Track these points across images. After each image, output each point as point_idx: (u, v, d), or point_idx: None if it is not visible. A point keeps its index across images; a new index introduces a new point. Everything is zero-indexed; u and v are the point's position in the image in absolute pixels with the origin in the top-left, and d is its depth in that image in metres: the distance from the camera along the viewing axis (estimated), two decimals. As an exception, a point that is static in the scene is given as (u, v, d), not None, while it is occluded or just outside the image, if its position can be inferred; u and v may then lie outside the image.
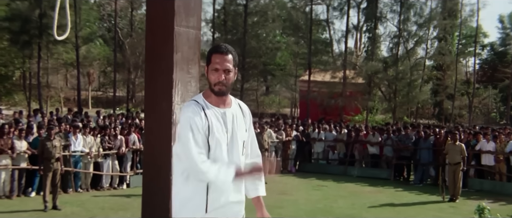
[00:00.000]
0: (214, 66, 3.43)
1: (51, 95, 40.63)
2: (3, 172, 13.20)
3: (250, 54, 37.39)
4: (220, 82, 3.43)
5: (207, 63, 3.50)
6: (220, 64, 3.43)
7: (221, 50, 3.49)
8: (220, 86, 3.45)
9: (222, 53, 3.46)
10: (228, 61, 3.47)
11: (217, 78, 3.43)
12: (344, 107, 34.61)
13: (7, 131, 13.46)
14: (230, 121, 3.51)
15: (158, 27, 4.12)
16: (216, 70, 3.44)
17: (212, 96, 3.50)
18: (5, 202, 12.91)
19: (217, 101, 3.50)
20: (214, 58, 3.45)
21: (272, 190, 15.56)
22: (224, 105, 3.54)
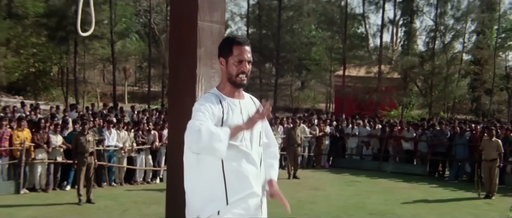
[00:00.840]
0: (238, 58, 3.43)
1: (87, 91, 41.19)
2: (39, 165, 13.47)
3: (285, 49, 37.22)
4: (245, 73, 3.45)
5: (225, 54, 3.49)
6: (243, 55, 3.44)
7: (242, 41, 3.49)
8: (242, 77, 3.47)
9: (244, 44, 3.47)
10: (249, 51, 3.49)
11: (242, 69, 3.45)
12: (379, 103, 34.24)
13: (43, 126, 13.72)
14: (246, 111, 3.52)
15: (182, 22, 4.12)
16: (240, 61, 3.44)
17: (226, 88, 3.52)
18: (41, 195, 13.17)
19: (232, 92, 3.53)
20: (236, 49, 3.45)
21: (305, 185, 15.58)
22: (239, 97, 3.57)
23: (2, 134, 13.08)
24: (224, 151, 3.25)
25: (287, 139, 17.47)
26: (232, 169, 3.43)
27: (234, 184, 3.42)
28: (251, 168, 3.51)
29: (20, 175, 13.04)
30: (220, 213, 3.40)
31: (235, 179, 3.43)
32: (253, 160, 3.53)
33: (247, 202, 3.49)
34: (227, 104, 3.45)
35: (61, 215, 10.93)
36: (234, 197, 3.42)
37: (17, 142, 13.14)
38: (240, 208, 3.46)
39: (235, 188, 3.43)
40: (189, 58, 4.03)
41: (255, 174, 3.55)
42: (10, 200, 12.20)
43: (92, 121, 15.23)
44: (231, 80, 3.48)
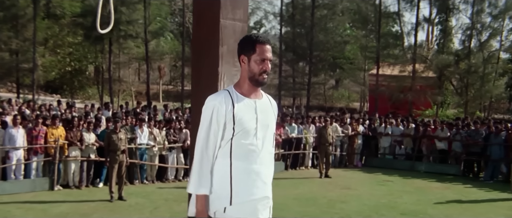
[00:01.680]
0: (261, 56, 3.43)
1: (122, 89, 41.66)
2: (73, 163, 13.69)
3: (318, 48, 37.06)
4: (266, 71, 3.46)
5: (247, 52, 3.48)
6: (265, 54, 3.45)
7: (264, 40, 3.49)
8: (265, 76, 3.47)
9: (266, 43, 3.48)
10: (270, 51, 3.49)
11: (264, 68, 3.45)
12: (413, 102, 33.86)
13: (77, 124, 13.94)
14: (261, 111, 3.51)
15: (204, 20, 4.12)
16: (262, 60, 3.44)
17: (245, 86, 3.52)
18: (74, 192, 13.37)
19: (250, 92, 3.52)
20: (259, 48, 3.45)
21: (336, 184, 15.52)
22: (256, 96, 3.55)
23: (37, 131, 13.34)
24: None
25: (319, 138, 17.39)
26: (240, 170, 3.42)
27: (241, 185, 3.42)
28: (261, 169, 3.50)
29: (54, 172, 13.28)
30: (226, 211, 3.42)
31: (242, 180, 3.42)
32: (264, 161, 3.53)
33: (255, 207, 3.48)
34: (241, 104, 3.45)
35: (93, 212, 11.07)
36: (239, 199, 3.41)
37: (51, 140, 13.37)
38: (247, 210, 3.45)
39: (241, 190, 3.41)
40: (211, 57, 4.04)
41: (265, 174, 3.55)
42: (45, 196, 12.43)
43: (125, 119, 15.39)
44: (253, 78, 3.47)
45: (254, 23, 52.19)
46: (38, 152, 13.42)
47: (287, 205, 12.18)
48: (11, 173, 13.14)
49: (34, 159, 13.40)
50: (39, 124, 13.43)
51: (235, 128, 3.39)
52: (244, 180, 3.42)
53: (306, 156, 18.92)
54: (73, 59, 38.64)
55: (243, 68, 3.52)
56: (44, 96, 38.00)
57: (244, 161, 3.42)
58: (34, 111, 17.79)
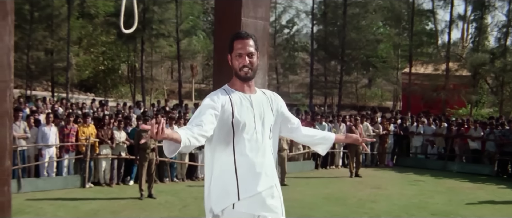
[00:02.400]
0: (238, 52, 3.51)
1: (155, 88, 41.97)
2: (104, 161, 13.84)
3: (350, 46, 36.82)
4: (245, 66, 3.50)
5: (229, 51, 3.57)
6: (242, 48, 3.50)
7: (242, 35, 3.56)
8: (246, 70, 3.52)
9: (243, 38, 3.53)
10: (250, 45, 3.52)
11: (242, 63, 3.50)
12: (447, 101, 33.39)
13: (108, 122, 14.09)
14: (256, 105, 3.57)
15: (226, 18, 4.13)
16: (239, 55, 3.51)
17: (237, 83, 3.59)
18: (105, 189, 13.52)
19: (242, 87, 3.58)
20: (236, 44, 3.53)
21: (367, 184, 15.39)
22: (250, 91, 3.61)
23: (69, 130, 13.52)
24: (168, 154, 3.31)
25: (349, 137, 17.22)
26: (244, 164, 3.47)
27: (247, 179, 3.47)
28: (264, 161, 3.55)
29: (85, 169, 13.44)
30: (235, 207, 3.46)
31: (247, 174, 3.47)
32: (266, 153, 3.58)
33: (261, 197, 3.52)
34: (237, 98, 3.52)
35: (123, 209, 11.17)
36: (246, 193, 3.46)
37: (82, 138, 13.54)
38: (255, 202, 3.49)
39: (248, 184, 3.47)
40: (233, 55, 4.03)
41: (268, 165, 3.58)
42: (76, 194, 12.59)
43: (155, 118, 15.48)
44: (237, 74, 3.56)
45: (286, 21, 52.05)
46: (69, 149, 13.63)
47: (317, 204, 12.14)
48: (44, 170, 13.36)
49: (66, 156, 13.61)
50: (71, 122, 13.62)
51: (233, 122, 3.44)
52: (249, 174, 3.47)
53: (337, 155, 18.79)
54: (106, 58, 39.10)
55: (231, 67, 3.61)
56: (78, 95, 38.56)
57: (247, 155, 3.47)
58: (67, 109, 18.03)
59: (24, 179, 12.73)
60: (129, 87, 39.92)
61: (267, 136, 3.60)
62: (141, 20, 32.61)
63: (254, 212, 3.48)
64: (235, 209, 3.45)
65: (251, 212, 3.47)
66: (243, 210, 3.45)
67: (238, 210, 3.45)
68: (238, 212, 3.45)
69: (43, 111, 16.69)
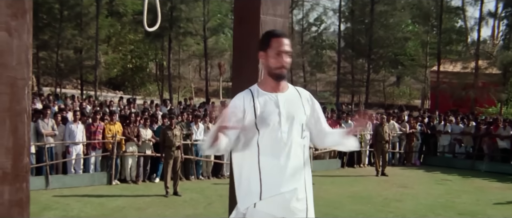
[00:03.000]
0: (277, 50, 3.41)
1: (183, 86, 42.19)
2: (130, 158, 13.95)
3: (377, 44, 36.56)
4: (283, 66, 3.42)
5: (263, 48, 3.47)
6: (282, 47, 3.42)
7: (280, 33, 3.48)
8: (282, 70, 3.43)
9: (282, 37, 3.45)
10: (288, 44, 3.45)
11: (280, 62, 3.41)
12: (476, 99, 32.95)
13: (134, 120, 14.20)
14: (283, 105, 3.47)
15: (245, 16, 4.11)
16: (278, 54, 3.41)
17: (267, 82, 3.51)
18: (131, 186, 13.63)
19: (272, 87, 3.49)
20: (274, 42, 3.42)
21: (393, 182, 15.26)
22: (279, 90, 3.51)
23: (95, 127, 13.67)
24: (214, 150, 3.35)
25: (375, 136, 17.13)
26: (267, 164, 3.40)
27: (269, 179, 3.39)
28: (289, 162, 3.43)
29: (112, 167, 13.58)
30: (256, 206, 3.41)
31: (270, 175, 3.40)
32: (293, 153, 3.46)
33: (285, 199, 3.42)
34: (262, 98, 3.45)
35: (148, 207, 11.25)
36: (268, 193, 3.39)
37: (109, 135, 13.68)
38: (278, 204, 3.41)
39: (271, 184, 3.39)
40: (252, 53, 4.02)
41: (295, 167, 3.47)
42: (102, 190, 12.73)
43: (180, 116, 15.58)
44: (271, 73, 3.46)
45: (314, 19, 51.92)
46: (96, 147, 13.77)
47: (342, 203, 12.08)
48: (71, 167, 13.53)
49: (93, 154, 13.76)
50: (97, 120, 13.77)
51: (257, 122, 3.39)
52: (273, 174, 3.39)
53: (363, 153, 18.67)
54: (134, 56, 39.43)
55: (263, 65, 3.53)
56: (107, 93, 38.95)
57: (272, 156, 3.40)
58: (95, 107, 18.22)
59: (52, 175, 12.93)
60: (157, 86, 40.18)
61: (296, 135, 3.49)
62: (168, 18, 32.85)
63: (275, 213, 3.41)
64: (256, 208, 3.40)
65: (272, 213, 3.40)
66: (264, 210, 3.40)
67: (259, 209, 3.40)
68: (259, 211, 3.40)
69: (71, 108, 16.87)
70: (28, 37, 3.01)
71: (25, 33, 3.00)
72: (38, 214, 10.17)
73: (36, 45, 33.83)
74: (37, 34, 32.64)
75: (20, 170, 3.02)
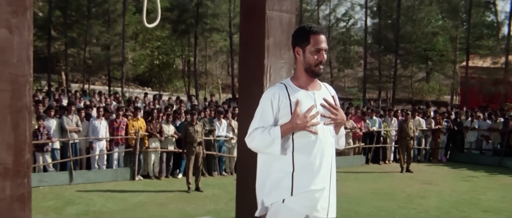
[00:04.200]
0: (317, 47, 3.39)
1: (210, 82, 42.31)
2: (153, 154, 14.05)
3: (404, 39, 36.16)
4: (322, 62, 3.42)
5: (302, 44, 3.44)
6: (321, 44, 3.41)
7: (318, 30, 3.45)
8: (321, 67, 3.43)
9: (320, 33, 3.43)
10: (326, 41, 3.44)
11: (320, 59, 3.41)
12: (507, 95, 32.38)
13: (157, 116, 14.28)
14: (320, 102, 3.46)
15: (250, 11, 4.09)
16: (318, 50, 3.39)
17: (301, 78, 3.48)
18: (154, 182, 13.73)
19: (307, 83, 3.48)
20: (313, 38, 3.40)
21: (417, 179, 15.13)
22: (314, 88, 3.50)
23: (118, 123, 13.79)
24: (278, 151, 3.33)
25: (400, 132, 16.97)
26: (302, 161, 3.39)
27: (302, 177, 3.39)
28: (321, 160, 3.44)
29: (135, 162, 13.68)
30: (285, 202, 3.39)
31: (304, 172, 3.39)
32: (325, 152, 3.47)
33: (314, 197, 3.43)
34: (299, 96, 3.41)
35: (170, 202, 11.31)
36: (299, 190, 3.38)
37: (132, 131, 13.79)
38: (306, 202, 3.41)
39: (303, 181, 3.39)
40: (257, 49, 4.00)
41: (326, 165, 3.49)
42: (125, 186, 12.85)
43: (203, 112, 15.62)
44: (309, 70, 3.44)
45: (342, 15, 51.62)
46: (119, 143, 13.90)
47: (364, 199, 12.00)
48: (95, 162, 13.69)
49: (116, 149, 13.90)
50: (120, 116, 13.89)
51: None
52: (305, 172, 3.39)
53: (388, 150, 18.52)
54: (161, 52, 39.63)
55: (298, 60, 3.49)
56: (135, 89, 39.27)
57: (306, 153, 3.40)
58: (120, 103, 18.37)
59: (76, 171, 13.08)
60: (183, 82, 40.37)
61: (329, 134, 3.50)
62: (194, 14, 32.96)
63: (301, 210, 3.42)
64: (284, 203, 3.39)
65: (298, 210, 3.41)
66: (291, 206, 3.39)
67: (287, 205, 3.39)
68: (287, 207, 3.39)
69: (97, 104, 17.04)
70: (29, 34, 3.04)
71: (25, 30, 3.03)
72: (61, 209, 10.30)
73: (65, 42, 34.30)
74: (65, 31, 33.11)
75: (21, 166, 3.06)
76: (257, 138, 3.35)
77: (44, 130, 12.64)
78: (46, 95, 19.93)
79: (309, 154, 3.40)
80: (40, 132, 12.58)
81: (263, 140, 3.33)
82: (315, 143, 3.41)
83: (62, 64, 35.65)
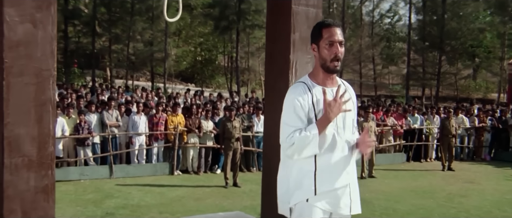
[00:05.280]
0: (329, 40, 3.29)
1: (252, 79, 42.39)
2: (192, 149, 14.18)
3: (450, 36, 35.49)
4: (337, 56, 3.30)
5: (315, 40, 3.37)
6: (334, 36, 3.29)
7: (330, 22, 3.36)
8: (336, 62, 3.32)
9: (333, 26, 3.33)
10: (340, 33, 3.33)
11: (334, 53, 3.29)
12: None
13: (195, 112, 14.39)
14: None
15: (277, 6, 4.07)
16: (331, 44, 3.29)
17: (319, 75, 3.40)
18: (193, 177, 13.85)
19: (325, 80, 3.39)
20: (326, 32, 3.31)
21: (459, 178, 14.85)
22: (332, 85, 3.41)
23: (158, 119, 13.94)
24: (317, 150, 3.27)
25: (441, 130, 16.69)
26: (324, 160, 3.35)
27: (325, 175, 3.34)
28: (343, 157, 3.41)
29: (174, 157, 13.82)
30: (309, 201, 3.35)
31: (326, 171, 3.35)
32: (346, 148, 3.43)
33: (336, 195, 3.40)
34: (320, 94, 3.33)
35: (207, 197, 11.36)
36: (323, 188, 3.34)
37: (171, 127, 13.92)
38: (329, 199, 3.38)
39: (325, 180, 3.34)
40: (283, 43, 3.98)
41: (347, 162, 3.44)
42: (164, 180, 13.00)
43: (242, 108, 15.67)
44: (324, 66, 3.35)
45: (386, 11, 51.04)
46: (158, 138, 14.05)
47: (403, 197, 11.85)
48: (134, 157, 13.88)
49: (155, 144, 14.05)
50: (160, 111, 14.04)
51: (317, 118, 3.31)
52: (328, 170, 3.35)
53: (430, 147, 18.23)
54: (203, 49, 39.89)
55: (316, 57, 3.41)
56: (179, 85, 39.60)
57: (328, 152, 3.35)
58: (161, 99, 18.56)
59: (116, 165, 13.29)
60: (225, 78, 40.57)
61: (349, 131, 3.45)
62: (236, 11, 33.02)
63: (326, 208, 3.38)
64: (309, 202, 3.35)
65: (323, 208, 3.37)
66: (316, 205, 3.35)
67: (312, 203, 3.35)
68: (311, 206, 3.35)
69: (138, 100, 17.25)
70: (53, 28, 3.10)
71: (49, 25, 3.08)
72: (100, 202, 10.47)
73: (109, 39, 34.84)
74: (110, 28, 33.62)
75: (45, 158, 3.12)
76: (297, 140, 3.22)
77: (85, 125, 12.89)
78: (90, 90, 20.29)
79: (331, 151, 3.36)
80: (82, 126, 12.84)
81: (304, 141, 3.22)
82: (336, 141, 3.36)
83: (107, 60, 36.24)
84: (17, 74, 3.02)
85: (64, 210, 9.62)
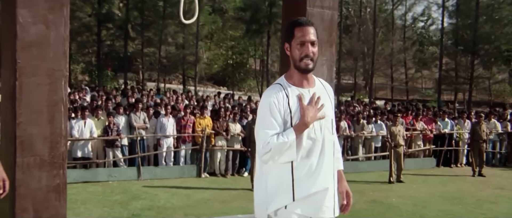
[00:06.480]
0: (299, 40, 3.23)
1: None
2: (219, 152, 14.21)
3: (483, 39, 34.94)
4: (307, 56, 3.23)
5: (288, 39, 3.31)
6: (304, 36, 3.22)
7: (303, 22, 3.28)
8: (307, 61, 3.24)
9: (305, 25, 3.26)
10: (312, 33, 3.25)
11: (304, 52, 3.22)
12: None
13: (223, 115, 14.43)
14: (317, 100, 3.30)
15: (292, 7, 4.06)
16: (301, 44, 3.23)
17: (294, 76, 3.32)
18: (219, 179, 13.88)
19: (300, 80, 3.31)
20: (297, 31, 3.25)
21: (489, 183, 14.60)
22: (308, 85, 3.34)
23: (185, 121, 14.02)
24: (294, 155, 3.20)
25: (472, 134, 16.43)
26: (301, 164, 3.25)
27: (303, 179, 3.25)
28: (321, 160, 3.31)
29: (201, 160, 13.89)
30: (288, 208, 3.27)
31: (304, 174, 3.25)
32: (325, 151, 3.32)
33: (316, 199, 3.30)
34: (293, 94, 3.26)
35: (233, 200, 11.37)
36: (301, 194, 3.25)
37: (199, 129, 13.98)
38: (309, 204, 3.29)
39: (303, 185, 3.25)
40: (298, 46, 3.96)
41: (327, 165, 3.34)
42: (191, 183, 13.05)
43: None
44: (296, 65, 3.28)
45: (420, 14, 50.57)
46: (186, 140, 14.12)
47: (430, 203, 11.69)
48: (162, 159, 13.97)
49: (183, 147, 14.13)
50: (188, 114, 14.12)
51: (292, 122, 3.22)
52: (305, 174, 3.25)
53: (460, 153, 17.96)
54: (235, 52, 40.02)
55: (289, 57, 3.35)
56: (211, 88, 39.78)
57: (305, 155, 3.26)
58: (190, 101, 18.66)
59: (144, 167, 13.40)
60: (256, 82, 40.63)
61: (327, 132, 3.35)
62: (267, 14, 33.08)
63: (306, 213, 3.29)
64: (287, 209, 3.27)
65: (303, 214, 3.28)
66: (296, 211, 3.27)
67: (291, 210, 3.27)
68: (291, 213, 3.27)
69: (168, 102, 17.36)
70: (65, 29, 3.14)
71: (62, 26, 3.13)
72: (127, 203, 10.56)
73: (141, 42, 35.22)
74: (142, 31, 33.99)
75: (57, 158, 3.16)
76: (274, 146, 3.14)
77: (114, 127, 13.04)
78: (121, 93, 20.52)
79: (308, 155, 3.27)
80: (110, 128, 12.99)
81: (281, 146, 3.14)
82: (313, 143, 3.28)
83: (139, 63, 36.62)
84: (29, 75, 3.08)
85: (91, 211, 9.75)
